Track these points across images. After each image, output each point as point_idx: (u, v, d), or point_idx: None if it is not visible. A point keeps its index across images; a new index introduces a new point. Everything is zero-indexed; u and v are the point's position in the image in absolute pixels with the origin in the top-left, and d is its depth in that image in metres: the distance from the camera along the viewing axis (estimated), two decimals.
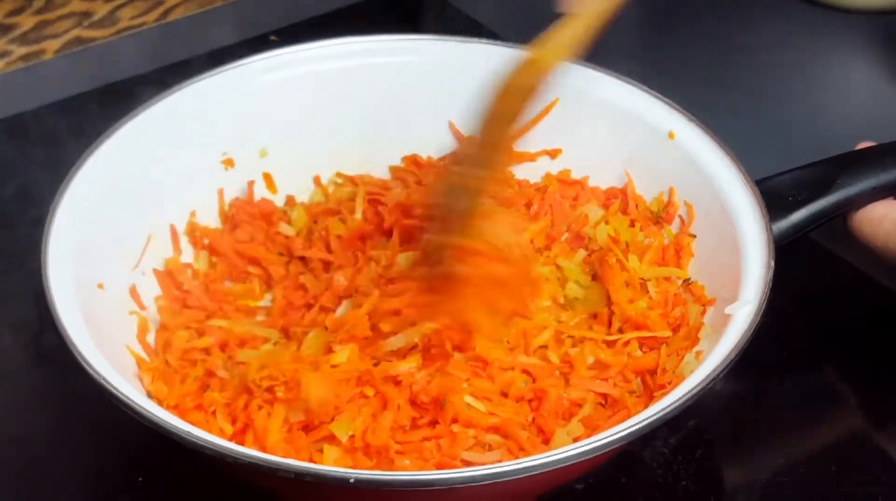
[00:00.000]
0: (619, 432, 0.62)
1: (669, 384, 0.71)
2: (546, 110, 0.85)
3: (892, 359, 0.82)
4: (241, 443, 0.68)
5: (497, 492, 0.65)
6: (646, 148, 0.82)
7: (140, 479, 0.73)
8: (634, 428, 0.62)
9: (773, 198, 0.75)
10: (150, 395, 0.70)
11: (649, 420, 0.63)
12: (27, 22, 1.03)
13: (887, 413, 0.78)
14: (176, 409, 0.70)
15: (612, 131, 0.84)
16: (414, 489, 0.61)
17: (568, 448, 0.62)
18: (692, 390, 0.64)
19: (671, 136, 0.80)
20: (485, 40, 0.87)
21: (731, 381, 0.67)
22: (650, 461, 0.74)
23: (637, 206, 0.82)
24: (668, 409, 0.63)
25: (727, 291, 0.72)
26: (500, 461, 0.68)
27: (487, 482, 0.61)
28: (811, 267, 0.86)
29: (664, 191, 0.81)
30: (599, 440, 0.62)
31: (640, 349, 0.75)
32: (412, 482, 0.61)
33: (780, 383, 0.79)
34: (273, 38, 1.05)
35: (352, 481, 0.60)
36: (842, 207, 0.77)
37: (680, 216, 0.80)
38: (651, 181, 0.82)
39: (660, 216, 0.81)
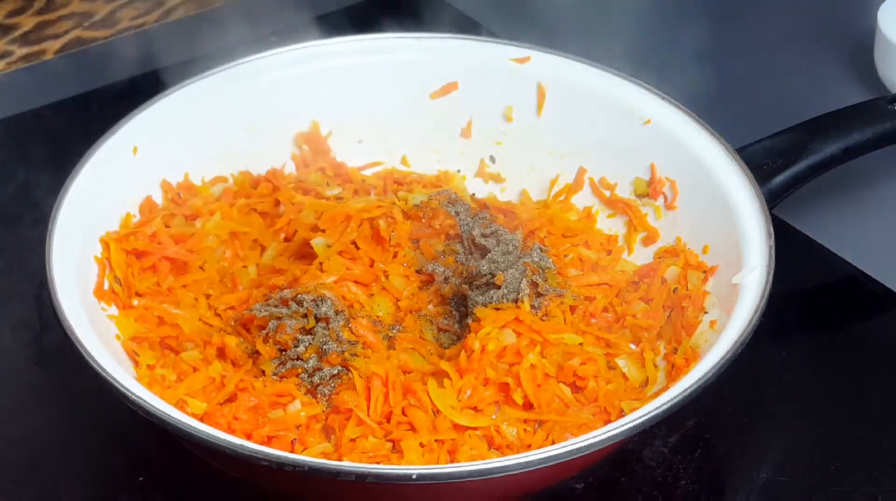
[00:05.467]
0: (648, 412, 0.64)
1: (686, 360, 0.71)
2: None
3: (891, 357, 0.82)
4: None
5: (507, 486, 0.66)
6: (623, 131, 0.83)
7: (140, 479, 0.73)
8: (661, 409, 0.63)
9: (750, 167, 0.77)
10: None
11: (692, 389, 0.64)
12: (28, 22, 1.03)
13: (887, 412, 0.78)
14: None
15: (590, 117, 0.84)
16: (399, 483, 0.62)
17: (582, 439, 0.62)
18: (726, 354, 0.66)
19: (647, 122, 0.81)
20: (483, 38, 0.88)
21: (731, 380, 0.67)
22: (650, 460, 0.74)
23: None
24: (707, 376, 0.65)
25: (730, 264, 0.73)
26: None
27: (492, 476, 0.61)
28: (810, 267, 0.87)
29: (647, 170, 0.82)
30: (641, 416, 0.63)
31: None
32: (396, 476, 0.62)
33: (778, 382, 0.79)
34: (273, 38, 1.05)
35: (354, 477, 0.61)
36: (816, 170, 0.80)
37: (664, 193, 0.81)
38: (631, 163, 0.83)
39: (646, 195, 0.81)
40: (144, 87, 0.85)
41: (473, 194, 0.86)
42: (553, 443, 0.68)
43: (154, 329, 0.74)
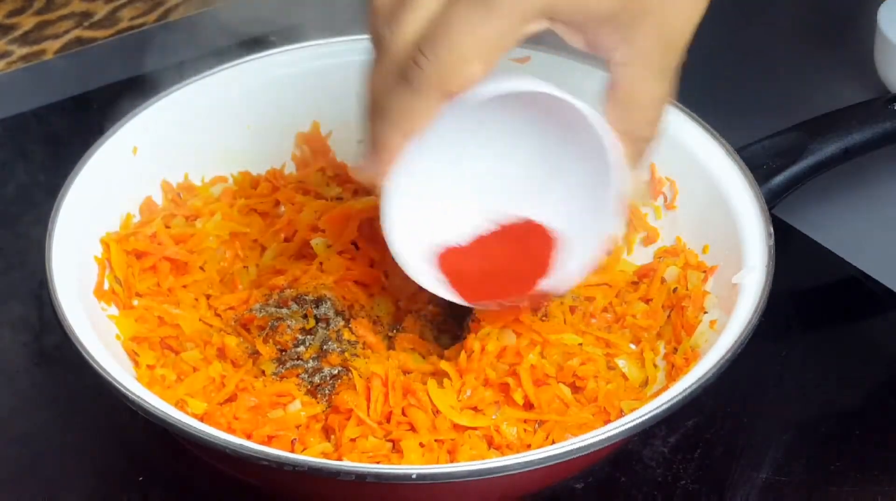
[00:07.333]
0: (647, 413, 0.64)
1: (686, 360, 0.71)
2: None
3: (891, 357, 0.82)
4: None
5: (507, 486, 0.66)
6: None
7: (140, 479, 0.73)
8: (662, 408, 0.63)
9: (750, 167, 0.77)
10: None
11: (691, 389, 0.64)
12: (27, 22, 1.03)
13: (887, 413, 0.78)
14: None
15: None
16: (399, 483, 0.62)
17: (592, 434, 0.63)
18: (726, 354, 0.66)
19: None
20: None
21: (731, 380, 0.67)
22: (649, 460, 0.74)
23: None
24: (707, 376, 0.65)
25: (730, 264, 0.73)
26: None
27: (492, 475, 0.61)
28: (810, 267, 0.87)
29: (646, 170, 0.82)
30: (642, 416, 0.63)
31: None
32: (395, 476, 0.62)
33: (778, 382, 0.80)
34: (273, 38, 1.05)
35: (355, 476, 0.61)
36: (816, 170, 0.80)
37: (663, 193, 0.81)
38: None
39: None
40: (144, 87, 0.84)
41: None
42: (553, 443, 0.68)
43: (154, 329, 0.74)
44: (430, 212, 0.71)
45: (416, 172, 0.66)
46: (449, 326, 0.77)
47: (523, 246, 0.72)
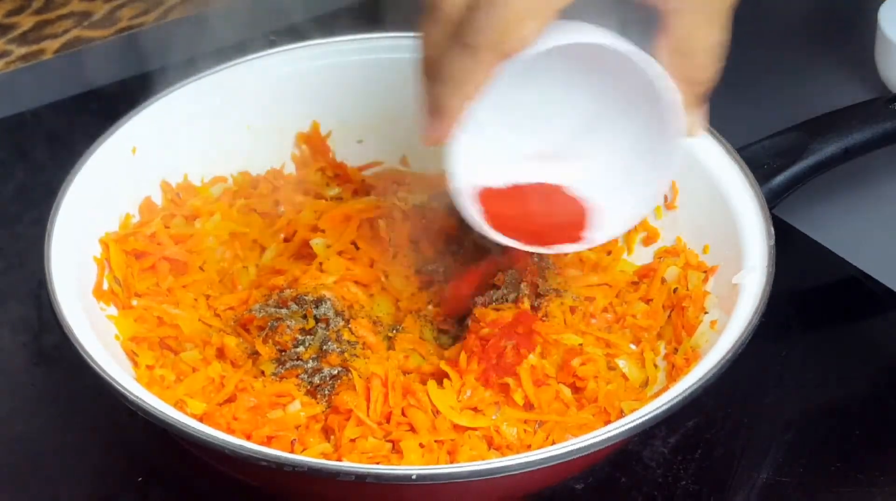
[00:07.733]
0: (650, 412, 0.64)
1: (686, 360, 0.71)
2: None
3: (890, 358, 0.82)
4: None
5: (507, 486, 0.66)
6: None
7: (140, 479, 0.73)
8: (665, 407, 0.63)
9: (750, 167, 0.77)
10: None
11: (692, 389, 0.64)
12: (26, 22, 1.03)
13: (887, 413, 0.78)
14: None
15: None
16: (399, 483, 0.62)
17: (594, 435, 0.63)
18: (726, 354, 0.66)
19: None
20: None
21: (731, 380, 0.67)
22: (650, 460, 0.74)
23: None
24: (707, 376, 0.65)
25: (730, 264, 0.73)
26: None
27: (492, 476, 0.61)
28: (810, 267, 0.87)
29: None
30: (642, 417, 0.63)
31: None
32: (395, 476, 0.62)
33: (778, 382, 0.80)
34: (273, 38, 1.05)
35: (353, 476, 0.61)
36: (816, 170, 0.80)
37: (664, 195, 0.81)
38: None
39: None
40: (144, 87, 0.84)
41: None
42: (553, 444, 0.68)
43: (153, 330, 0.74)
44: (480, 151, 0.70)
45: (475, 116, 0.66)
46: (449, 326, 0.77)
47: (557, 202, 0.72)
